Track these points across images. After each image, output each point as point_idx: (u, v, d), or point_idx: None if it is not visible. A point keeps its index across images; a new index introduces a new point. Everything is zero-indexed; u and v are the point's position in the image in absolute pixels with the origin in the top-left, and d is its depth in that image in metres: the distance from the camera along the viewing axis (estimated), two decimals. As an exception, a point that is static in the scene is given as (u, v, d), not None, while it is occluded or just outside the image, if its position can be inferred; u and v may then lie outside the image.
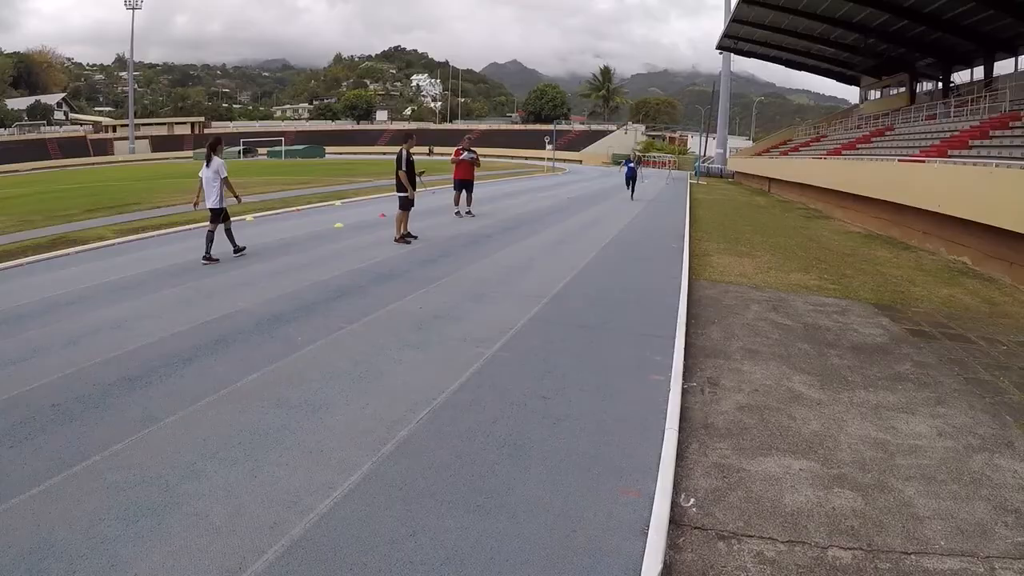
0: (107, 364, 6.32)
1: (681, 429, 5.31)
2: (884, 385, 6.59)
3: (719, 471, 4.73)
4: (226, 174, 12.01)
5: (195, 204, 12.50)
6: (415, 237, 14.11)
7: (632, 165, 31.61)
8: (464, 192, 19.15)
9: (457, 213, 19.03)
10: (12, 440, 4.79)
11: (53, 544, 3.57)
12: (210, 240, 11.87)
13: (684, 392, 6.10)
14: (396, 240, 13.80)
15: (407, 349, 6.93)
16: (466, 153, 19.04)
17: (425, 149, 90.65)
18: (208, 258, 11.71)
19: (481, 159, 20.36)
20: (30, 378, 5.97)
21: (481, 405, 5.58)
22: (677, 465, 4.71)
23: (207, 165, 11.94)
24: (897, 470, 4.85)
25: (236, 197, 12.43)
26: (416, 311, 8.44)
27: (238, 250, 12.33)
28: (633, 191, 29.90)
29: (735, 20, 41.49)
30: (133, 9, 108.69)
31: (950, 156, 21.10)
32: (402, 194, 13.83)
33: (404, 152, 13.85)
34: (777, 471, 4.74)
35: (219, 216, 12.06)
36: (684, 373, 6.58)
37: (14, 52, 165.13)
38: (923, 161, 20.62)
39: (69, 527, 3.71)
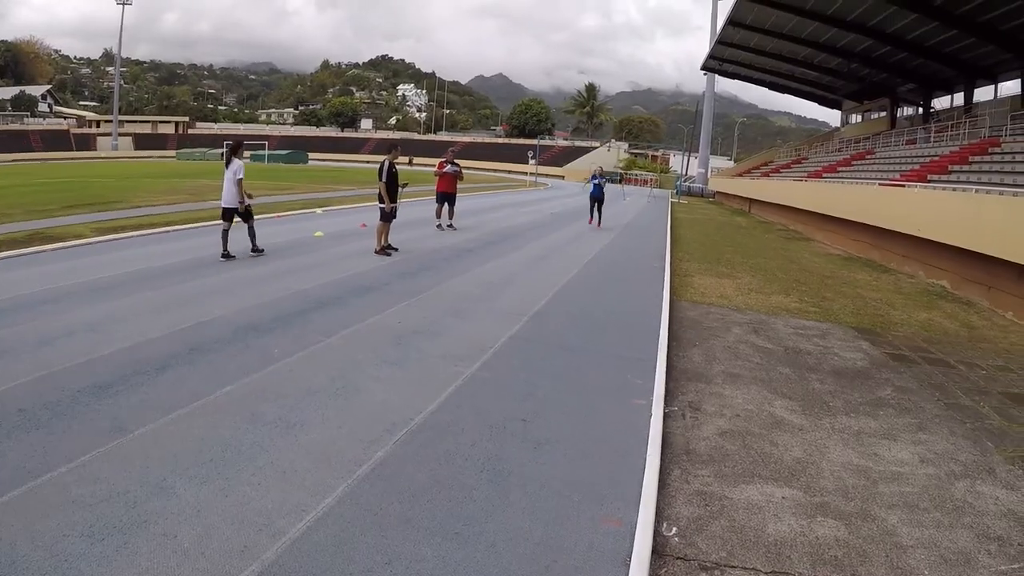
0: (78, 369, 6.16)
1: (663, 455, 5.25)
2: (865, 411, 6.60)
3: (701, 499, 4.68)
4: (242, 176, 12.49)
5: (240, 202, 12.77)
6: (395, 249, 14.01)
7: (599, 181, 23.40)
8: (447, 205, 19.07)
9: (439, 226, 18.92)
10: (-27, 449, 4.65)
11: (15, 560, 3.42)
12: (226, 236, 12.44)
13: (665, 417, 6.05)
14: (377, 252, 13.67)
15: (385, 365, 6.82)
16: (449, 166, 18.97)
17: (406, 159, 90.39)
18: (226, 255, 12.35)
19: (464, 172, 20.27)
20: (-3, 381, 5.81)
21: (460, 427, 5.48)
22: (659, 492, 4.65)
23: (227, 166, 12.55)
24: (880, 498, 4.85)
25: (243, 200, 12.62)
26: (395, 325, 8.33)
27: (256, 250, 12.92)
28: (600, 216, 23.51)
29: (720, 42, 41.83)
30: (123, 4, 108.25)
31: (930, 181, 21.38)
32: (382, 205, 13.72)
33: (387, 163, 13.74)
34: (760, 499, 4.71)
35: (231, 215, 12.53)
36: (666, 397, 6.52)
37: (2, 41, 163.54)
38: (903, 185, 20.81)
39: (32, 542, 3.57)
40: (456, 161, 19.48)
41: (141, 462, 4.54)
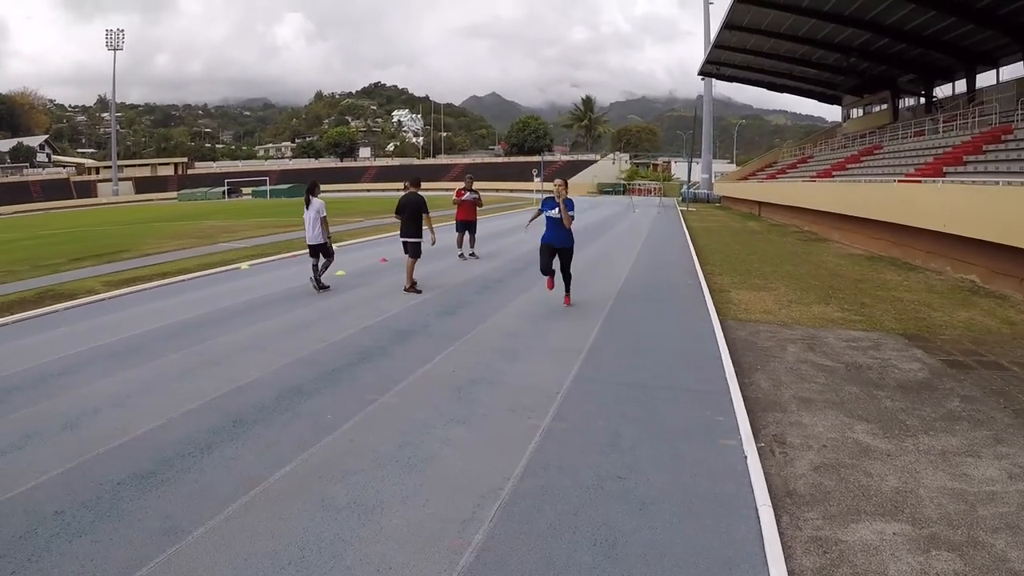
0: (112, 456, 5.53)
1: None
2: (942, 427, 6.26)
3: (818, 546, 4.29)
4: (324, 214, 13.18)
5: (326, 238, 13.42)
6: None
7: (553, 211, 11.31)
8: (467, 233, 18.62)
9: (461, 255, 18.43)
10: (13, 564, 4.02)
11: None
12: (316, 269, 13.38)
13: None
14: (406, 290, 13.09)
15: (453, 425, 6.20)
16: (468, 194, 18.42)
17: (401, 185, 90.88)
18: (321, 286, 13.32)
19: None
20: (26, 474, 5.19)
21: (555, 492, 4.90)
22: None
23: (307, 207, 13.19)
24: (982, 522, 4.60)
25: (327, 237, 13.30)
26: (449, 375, 7.70)
27: (320, 287, 13.32)
28: (567, 281, 12.00)
29: (717, 46, 41.73)
30: (114, 50, 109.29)
31: (946, 174, 20.97)
32: (410, 240, 13.17)
33: (415, 195, 13.28)
34: (873, 539, 4.35)
35: (318, 251, 13.33)
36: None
37: None
38: (920, 181, 20.32)
39: None
40: (475, 189, 18.92)
41: (208, 573, 3.92)
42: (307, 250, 13.55)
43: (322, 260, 13.42)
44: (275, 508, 4.66)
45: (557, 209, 10.98)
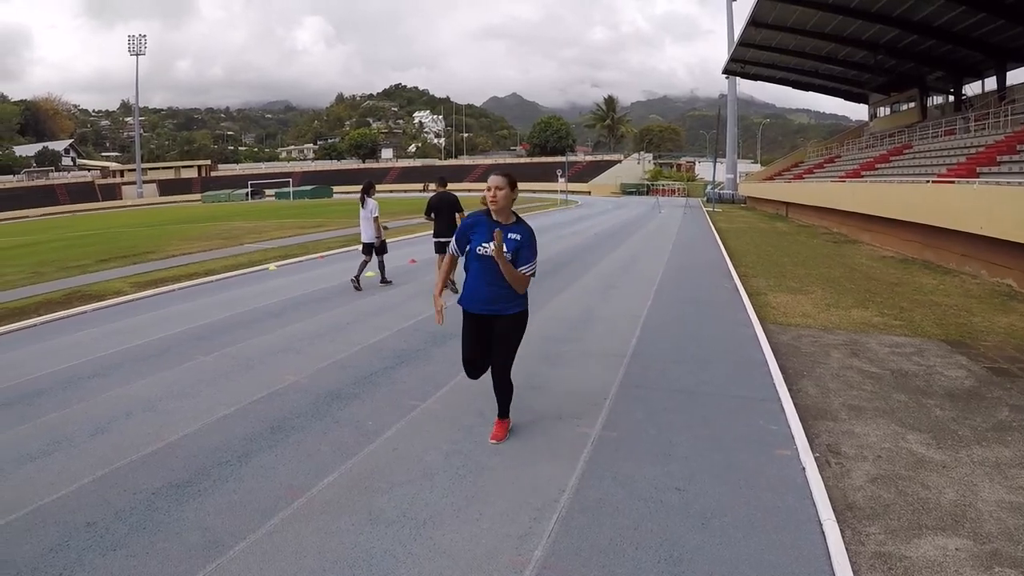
0: (145, 463, 5.31)
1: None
2: (994, 437, 5.98)
3: (883, 563, 4.08)
4: (377, 214, 13.61)
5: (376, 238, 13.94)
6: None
7: (479, 249, 5.47)
8: None
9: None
10: (43, 579, 3.78)
11: None
12: (376, 266, 14.05)
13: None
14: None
15: (500, 433, 5.93)
16: None
17: (421, 185, 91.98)
18: (384, 280, 14.06)
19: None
20: (56, 481, 4.99)
21: (612, 505, 4.64)
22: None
23: (363, 206, 13.67)
24: None
25: (379, 235, 13.78)
26: (492, 381, 7.40)
27: (383, 280, 14.05)
28: (502, 383, 5.87)
29: (741, 44, 41.22)
30: (137, 55, 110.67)
31: (979, 174, 20.49)
32: (442, 240, 12.93)
33: (448, 194, 13.07)
34: (936, 554, 4.15)
35: (371, 249, 13.81)
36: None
37: (21, 100, 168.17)
38: (953, 182, 19.85)
39: None
40: None
41: (253, 593, 3.65)
42: (360, 247, 14.09)
43: (375, 257, 13.94)
44: (320, 521, 4.40)
45: (491, 244, 5.31)
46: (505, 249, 5.30)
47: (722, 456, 5.48)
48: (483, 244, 5.38)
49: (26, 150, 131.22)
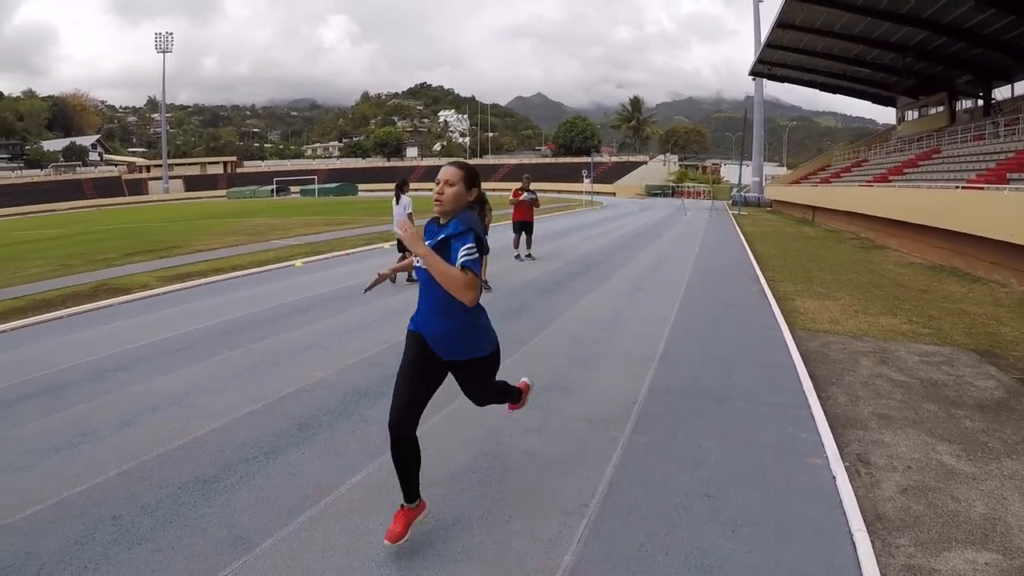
0: (172, 457, 5.29)
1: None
2: None
3: (912, 575, 4.00)
4: (411, 211, 13.89)
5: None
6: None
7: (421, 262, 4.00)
8: (524, 234, 18.29)
9: (517, 257, 18.12)
10: (70, 570, 3.78)
11: None
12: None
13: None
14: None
15: (529, 435, 5.86)
16: (526, 194, 18.10)
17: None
18: (411, 279, 13.51)
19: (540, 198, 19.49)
20: (82, 474, 4.98)
21: (642, 511, 4.56)
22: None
23: (396, 203, 14.01)
24: None
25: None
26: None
27: (411, 279, 13.60)
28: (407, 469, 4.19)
29: (768, 45, 40.92)
30: (163, 52, 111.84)
31: (1010, 180, 20.21)
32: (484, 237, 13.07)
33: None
34: (965, 568, 4.08)
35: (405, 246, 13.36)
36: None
37: (48, 96, 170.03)
38: (982, 188, 19.60)
39: None
40: (532, 189, 18.60)
41: (280, 592, 3.60)
42: (395, 243, 14.34)
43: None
44: (348, 521, 4.36)
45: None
46: (426, 240, 3.97)
47: (752, 463, 5.41)
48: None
49: (54, 145, 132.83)
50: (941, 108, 41.56)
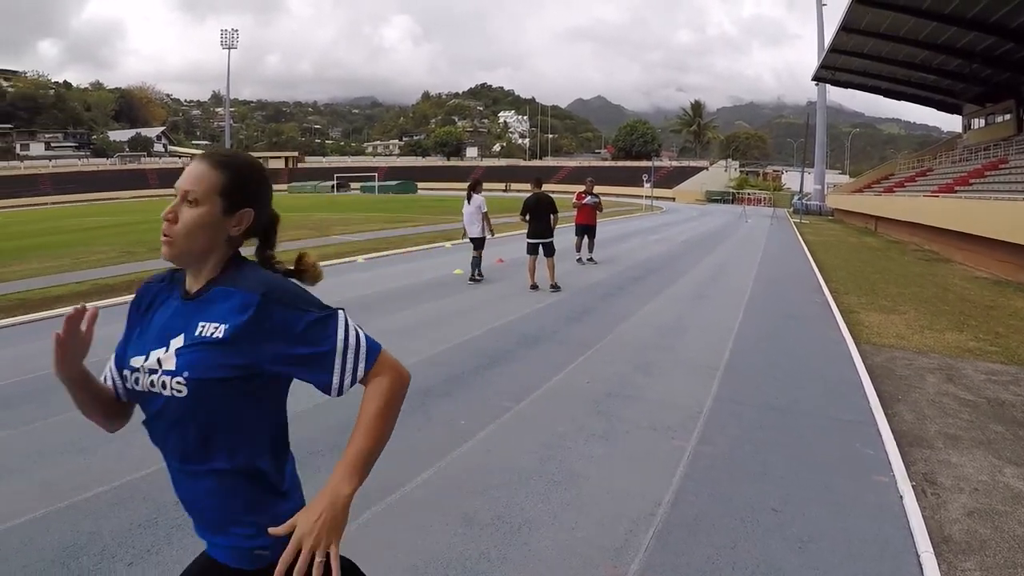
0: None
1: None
2: None
3: None
4: (486, 210, 14.07)
5: (462, 236, 14.92)
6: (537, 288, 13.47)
7: None
8: (586, 238, 18.30)
9: (579, 260, 18.10)
10: (131, 553, 3.86)
11: None
12: (476, 264, 14.13)
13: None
14: (532, 287, 13.40)
15: (594, 441, 5.84)
16: (589, 198, 18.12)
17: (502, 185, 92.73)
18: (474, 279, 14.06)
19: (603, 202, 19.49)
20: (145, 458, 4.93)
21: (709, 522, 4.52)
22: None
23: (468, 202, 14.10)
24: None
25: (490, 231, 14.30)
26: (585, 387, 7.36)
27: (475, 279, 14.08)
28: None
29: (832, 50, 40.17)
30: (229, 49, 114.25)
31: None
32: (550, 240, 13.64)
33: (546, 195, 13.83)
34: None
35: (482, 243, 14.20)
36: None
37: (116, 88, 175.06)
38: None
39: None
40: (596, 192, 18.57)
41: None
42: (470, 242, 14.36)
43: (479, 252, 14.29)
44: (414, 519, 4.39)
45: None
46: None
47: (818, 478, 5.34)
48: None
49: (120, 135, 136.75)
50: (1008, 116, 40.40)
